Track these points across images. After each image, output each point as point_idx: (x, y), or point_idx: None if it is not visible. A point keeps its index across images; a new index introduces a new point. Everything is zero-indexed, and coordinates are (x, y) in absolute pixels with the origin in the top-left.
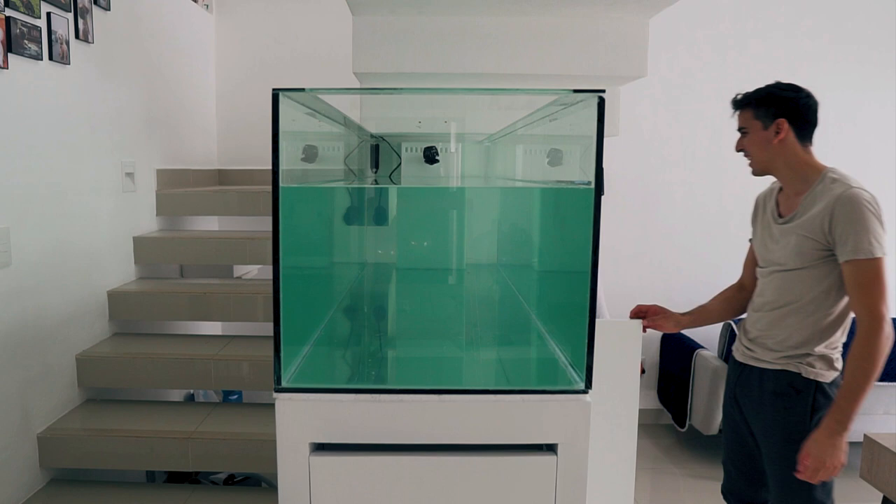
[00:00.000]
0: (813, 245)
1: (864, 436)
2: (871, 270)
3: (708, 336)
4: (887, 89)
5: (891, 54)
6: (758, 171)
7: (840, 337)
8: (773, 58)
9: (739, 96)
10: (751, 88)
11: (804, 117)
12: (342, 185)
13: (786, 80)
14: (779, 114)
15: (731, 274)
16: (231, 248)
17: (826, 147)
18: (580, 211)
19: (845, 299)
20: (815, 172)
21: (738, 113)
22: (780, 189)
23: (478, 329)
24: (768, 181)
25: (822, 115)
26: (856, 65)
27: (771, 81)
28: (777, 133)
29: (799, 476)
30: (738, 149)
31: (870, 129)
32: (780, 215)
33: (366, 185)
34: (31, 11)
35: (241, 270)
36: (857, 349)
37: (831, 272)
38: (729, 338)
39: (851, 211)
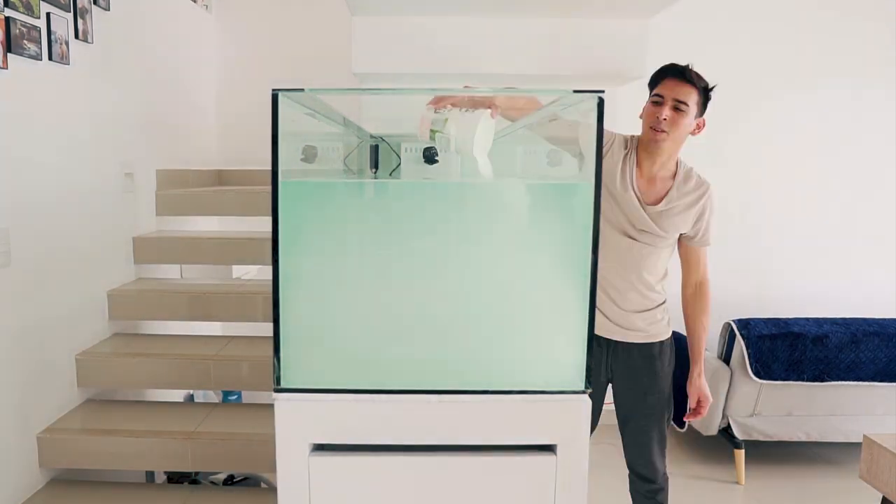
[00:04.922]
0: None
1: (864, 436)
2: None
3: (707, 336)
4: (888, 87)
5: (890, 52)
6: (664, 150)
7: None
8: (772, 57)
9: (693, 71)
10: (749, 89)
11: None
12: (341, 181)
13: (785, 79)
14: (702, 113)
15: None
16: (231, 248)
17: (827, 144)
18: (580, 210)
19: None
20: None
21: (682, 84)
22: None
23: (477, 329)
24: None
25: (822, 112)
26: (857, 64)
27: (768, 81)
28: (696, 129)
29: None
30: (664, 118)
31: (870, 128)
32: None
33: (364, 181)
34: (31, 11)
35: (240, 271)
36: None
37: None
38: (728, 338)
39: None
